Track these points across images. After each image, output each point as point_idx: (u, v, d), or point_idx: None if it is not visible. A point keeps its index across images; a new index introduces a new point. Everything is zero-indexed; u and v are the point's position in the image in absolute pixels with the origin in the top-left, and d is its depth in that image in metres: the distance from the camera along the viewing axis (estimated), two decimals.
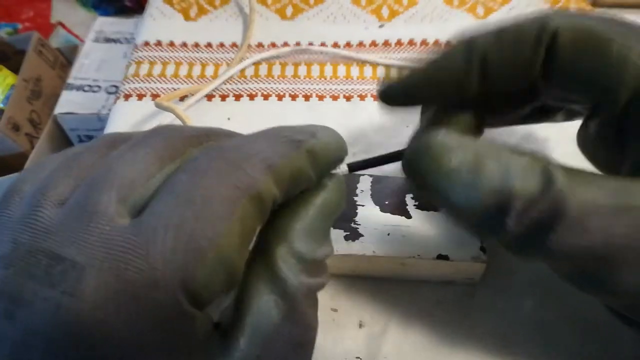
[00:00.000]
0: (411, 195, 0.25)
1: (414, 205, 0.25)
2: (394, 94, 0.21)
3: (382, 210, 0.25)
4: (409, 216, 0.25)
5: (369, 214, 0.25)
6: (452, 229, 0.25)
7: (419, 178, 0.17)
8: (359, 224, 0.24)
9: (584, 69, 0.17)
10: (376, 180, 0.26)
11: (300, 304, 0.14)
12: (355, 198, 0.26)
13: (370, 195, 0.26)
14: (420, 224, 0.25)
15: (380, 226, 0.24)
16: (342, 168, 0.20)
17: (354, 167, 0.20)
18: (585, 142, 0.19)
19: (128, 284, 0.12)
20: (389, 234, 0.24)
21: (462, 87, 0.18)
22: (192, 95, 0.35)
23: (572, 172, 0.16)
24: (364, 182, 0.26)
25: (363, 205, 0.25)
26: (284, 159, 0.15)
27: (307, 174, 0.16)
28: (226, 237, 0.13)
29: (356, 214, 0.25)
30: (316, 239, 0.16)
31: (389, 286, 0.26)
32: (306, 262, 0.15)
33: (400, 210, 0.25)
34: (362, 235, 0.24)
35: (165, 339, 0.13)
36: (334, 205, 0.17)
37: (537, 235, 0.15)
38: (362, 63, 0.37)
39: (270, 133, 0.16)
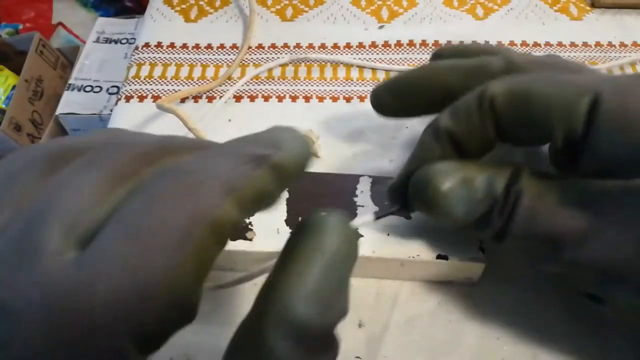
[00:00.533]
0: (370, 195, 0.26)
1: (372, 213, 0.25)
2: (392, 191, 0.24)
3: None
4: (408, 217, 0.25)
5: (369, 215, 0.25)
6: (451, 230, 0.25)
7: (423, 202, 0.21)
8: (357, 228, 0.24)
9: (520, 125, 0.20)
10: (376, 181, 0.26)
11: None
12: (355, 199, 0.26)
13: (370, 196, 0.26)
14: (419, 224, 0.25)
15: (380, 227, 0.25)
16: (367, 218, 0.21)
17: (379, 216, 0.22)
18: (551, 162, 0.22)
19: (65, 332, 0.11)
20: (388, 235, 0.24)
21: (444, 159, 0.22)
22: (193, 96, 0.35)
23: (533, 174, 0.20)
24: (364, 183, 0.26)
25: (363, 206, 0.25)
26: (246, 180, 0.13)
27: (271, 191, 0.14)
28: (178, 272, 0.11)
29: (356, 214, 0.25)
30: (322, 300, 0.13)
31: (389, 286, 0.26)
32: (309, 334, 0.13)
33: (400, 210, 0.25)
34: (362, 236, 0.24)
35: None
36: (341, 253, 0.14)
37: (507, 226, 0.19)
38: (361, 66, 0.38)
39: (231, 149, 0.14)
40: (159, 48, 0.39)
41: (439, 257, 0.24)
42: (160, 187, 0.12)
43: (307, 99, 0.36)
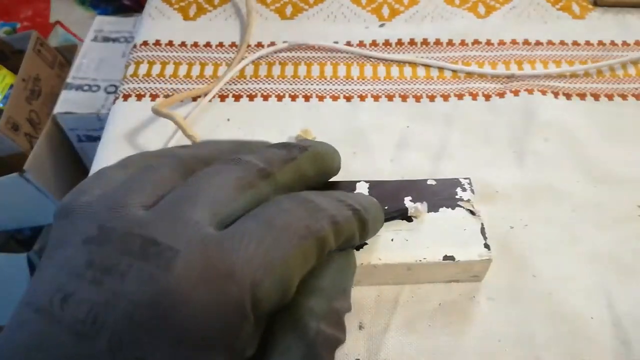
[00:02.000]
0: (410, 198, 0.25)
1: (414, 207, 0.25)
2: None
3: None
4: (410, 219, 0.25)
5: None
6: (453, 228, 0.24)
7: None
8: None
9: None
10: (373, 186, 0.26)
11: (318, 348, 0.16)
12: None
13: None
14: (421, 225, 0.25)
15: (383, 232, 0.24)
16: None
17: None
18: None
19: (212, 271, 0.15)
20: (392, 240, 0.24)
21: None
22: (190, 98, 0.35)
23: None
24: (361, 189, 0.26)
25: None
26: (346, 221, 0.18)
27: (355, 237, 0.19)
28: (292, 262, 0.16)
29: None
30: (336, 294, 0.18)
31: (390, 287, 0.26)
32: (326, 313, 0.17)
33: (401, 213, 0.25)
34: (366, 244, 0.24)
35: (224, 331, 0.15)
36: (352, 264, 0.20)
37: None
38: (362, 63, 0.37)
39: (335, 196, 0.19)
40: (157, 46, 0.39)
41: (445, 258, 0.24)
42: (289, 204, 0.17)
43: (307, 98, 0.35)
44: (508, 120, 0.34)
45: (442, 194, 0.26)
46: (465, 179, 0.26)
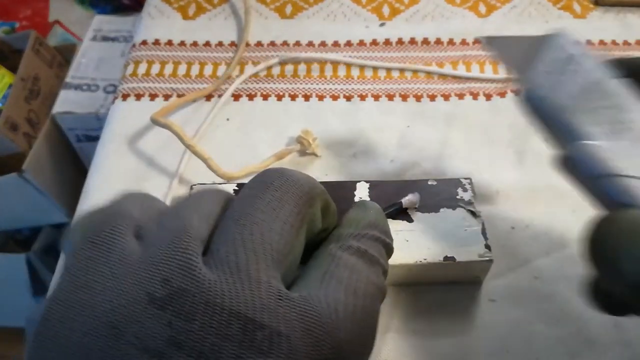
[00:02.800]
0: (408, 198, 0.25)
1: (414, 207, 0.25)
2: None
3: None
4: (410, 220, 0.25)
5: None
6: (453, 229, 0.24)
7: (609, 260, 0.15)
8: None
9: None
10: (373, 186, 0.26)
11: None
12: None
13: (370, 200, 0.25)
14: (422, 226, 0.24)
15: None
16: None
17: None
18: None
19: (322, 352, 0.13)
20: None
21: None
22: (188, 101, 0.35)
23: None
24: (361, 189, 0.26)
25: None
26: (387, 261, 0.17)
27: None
28: (376, 328, 0.15)
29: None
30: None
31: (390, 288, 0.25)
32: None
33: (401, 214, 0.25)
34: None
35: None
36: None
37: None
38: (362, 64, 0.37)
39: (370, 235, 0.17)
40: (157, 46, 0.38)
41: (446, 259, 0.23)
42: (355, 260, 0.15)
43: (306, 97, 0.35)
44: (509, 120, 0.33)
45: (442, 194, 0.25)
46: (465, 179, 0.26)
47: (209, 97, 0.35)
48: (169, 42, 0.39)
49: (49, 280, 0.63)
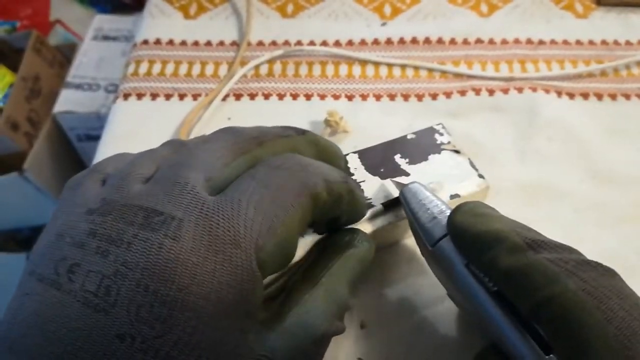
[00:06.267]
0: (399, 155, 0.27)
1: (406, 162, 0.26)
2: None
3: (382, 178, 0.26)
4: (407, 174, 0.26)
5: (373, 185, 0.25)
6: (446, 170, 0.26)
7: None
8: (370, 198, 0.25)
9: None
10: (362, 154, 0.27)
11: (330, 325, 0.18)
12: (354, 177, 0.26)
13: (365, 169, 0.26)
14: (418, 176, 0.26)
15: (387, 192, 0.25)
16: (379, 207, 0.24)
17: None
18: None
19: (217, 239, 0.15)
20: (397, 197, 0.24)
21: None
22: (192, 94, 0.35)
23: None
24: (353, 160, 0.27)
25: (364, 181, 0.26)
26: (337, 182, 0.19)
27: (342, 203, 0.19)
28: (291, 220, 0.16)
29: (362, 190, 0.25)
30: (351, 288, 0.19)
31: (393, 287, 0.25)
32: (340, 307, 0.18)
33: (397, 171, 0.26)
34: (374, 206, 0.24)
35: (236, 295, 0.15)
36: (367, 261, 0.20)
37: None
38: (364, 62, 0.37)
39: (326, 164, 0.20)
40: (158, 45, 0.38)
41: (452, 197, 0.25)
42: (282, 162, 0.18)
43: (308, 97, 0.35)
44: (511, 119, 0.33)
45: (424, 144, 0.27)
46: (438, 124, 0.28)
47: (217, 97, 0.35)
48: (170, 42, 0.39)
49: None
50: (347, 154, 0.27)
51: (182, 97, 0.35)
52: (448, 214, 0.20)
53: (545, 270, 0.16)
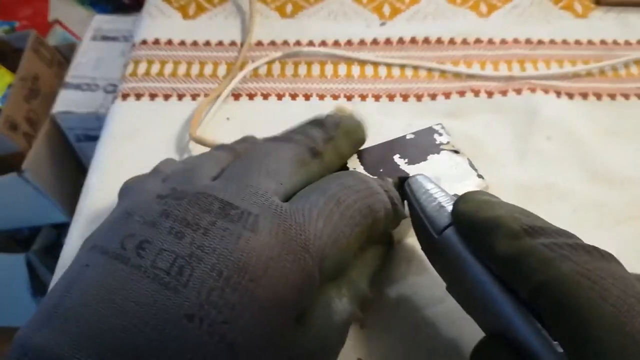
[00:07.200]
0: (398, 155, 0.27)
1: (405, 162, 0.26)
2: None
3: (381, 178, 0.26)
4: (406, 174, 0.26)
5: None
6: (446, 170, 0.26)
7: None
8: None
9: None
10: (361, 154, 0.27)
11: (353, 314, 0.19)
12: None
13: (364, 169, 0.26)
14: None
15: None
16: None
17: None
18: None
19: (291, 240, 0.16)
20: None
21: None
22: (191, 94, 0.35)
23: None
24: (352, 160, 0.26)
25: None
26: (390, 207, 0.20)
27: (389, 221, 0.21)
28: (354, 237, 0.18)
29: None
30: (370, 281, 0.21)
31: (392, 286, 0.25)
32: (361, 298, 0.20)
33: (396, 171, 0.26)
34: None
35: (298, 295, 0.16)
36: (385, 258, 0.23)
37: None
38: (363, 62, 0.37)
39: (380, 182, 0.21)
40: (157, 45, 0.38)
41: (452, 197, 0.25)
42: (352, 180, 0.19)
43: (307, 97, 0.35)
44: (510, 119, 0.33)
45: (423, 144, 0.27)
46: (437, 124, 0.28)
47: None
48: (169, 42, 0.39)
49: (48, 280, 0.63)
50: None
51: (180, 97, 0.35)
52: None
53: (540, 255, 0.16)
